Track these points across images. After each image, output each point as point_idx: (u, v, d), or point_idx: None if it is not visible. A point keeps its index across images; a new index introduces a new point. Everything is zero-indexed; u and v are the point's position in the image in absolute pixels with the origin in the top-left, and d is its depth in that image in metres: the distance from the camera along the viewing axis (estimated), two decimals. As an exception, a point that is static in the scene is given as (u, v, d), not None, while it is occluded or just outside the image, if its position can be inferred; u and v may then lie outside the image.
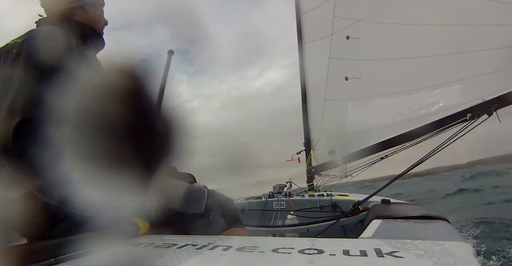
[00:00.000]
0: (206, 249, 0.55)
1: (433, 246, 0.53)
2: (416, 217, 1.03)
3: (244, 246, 0.56)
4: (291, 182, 2.81)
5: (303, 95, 3.69)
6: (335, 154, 3.12)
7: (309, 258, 0.48)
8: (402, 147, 2.55)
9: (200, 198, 1.01)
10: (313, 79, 3.66)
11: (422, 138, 2.40)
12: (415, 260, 0.45)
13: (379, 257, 0.47)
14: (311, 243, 0.57)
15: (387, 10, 2.93)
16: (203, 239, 0.66)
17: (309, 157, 3.46)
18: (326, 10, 3.45)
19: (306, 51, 3.75)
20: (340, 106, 3.29)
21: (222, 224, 1.00)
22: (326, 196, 2.27)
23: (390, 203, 1.53)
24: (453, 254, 0.48)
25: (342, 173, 3.07)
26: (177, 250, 0.56)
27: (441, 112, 2.42)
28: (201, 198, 1.01)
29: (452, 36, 2.54)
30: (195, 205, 0.98)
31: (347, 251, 0.50)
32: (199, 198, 1.01)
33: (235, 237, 0.69)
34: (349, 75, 3.17)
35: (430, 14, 2.71)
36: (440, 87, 2.56)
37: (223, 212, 1.01)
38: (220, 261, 0.48)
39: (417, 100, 2.71)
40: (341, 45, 3.29)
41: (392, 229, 0.92)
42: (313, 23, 3.75)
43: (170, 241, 0.65)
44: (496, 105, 2.01)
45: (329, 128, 3.38)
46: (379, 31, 3.02)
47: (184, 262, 0.47)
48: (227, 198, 1.10)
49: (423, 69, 2.72)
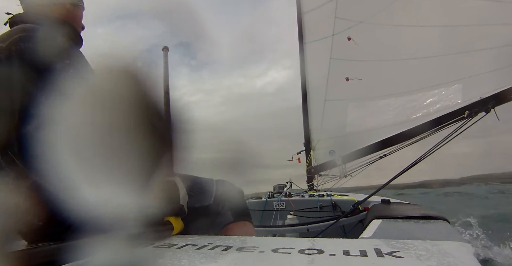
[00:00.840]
0: (206, 249, 0.55)
1: (433, 246, 0.54)
2: (416, 217, 1.03)
3: (244, 246, 0.56)
4: (291, 182, 2.81)
5: (304, 95, 3.69)
6: (335, 154, 3.12)
7: (309, 258, 0.48)
8: (400, 146, 2.55)
9: (209, 190, 0.98)
10: (313, 80, 3.66)
11: (420, 136, 2.40)
12: (415, 260, 0.45)
13: (379, 257, 0.47)
14: (311, 243, 0.57)
15: (388, 12, 2.94)
16: (203, 239, 0.66)
17: (309, 157, 3.46)
18: (327, 11, 3.46)
19: (307, 51, 3.75)
20: (341, 106, 3.29)
21: (229, 217, 0.97)
22: (326, 196, 2.27)
23: (390, 203, 1.53)
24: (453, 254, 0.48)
25: (341, 173, 3.07)
26: (177, 250, 0.56)
27: (441, 112, 2.42)
28: (209, 190, 0.98)
29: (452, 37, 2.55)
30: (204, 197, 0.96)
31: (347, 251, 0.50)
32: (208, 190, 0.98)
33: (235, 237, 0.69)
34: (350, 76, 3.17)
35: (430, 15, 2.72)
36: (440, 87, 2.56)
37: (231, 204, 0.99)
38: (220, 261, 0.48)
39: (417, 101, 2.71)
40: (342, 46, 3.29)
41: (392, 229, 0.92)
42: (314, 23, 3.75)
43: (170, 241, 0.65)
44: (494, 102, 2.00)
45: (329, 129, 3.38)
46: (380, 33, 3.03)
47: (184, 262, 0.47)
48: (236, 188, 1.06)
49: (423, 69, 2.72)
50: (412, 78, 2.78)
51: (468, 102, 2.22)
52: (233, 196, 1.02)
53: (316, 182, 3.34)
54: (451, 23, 2.55)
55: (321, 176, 3.34)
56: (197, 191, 0.96)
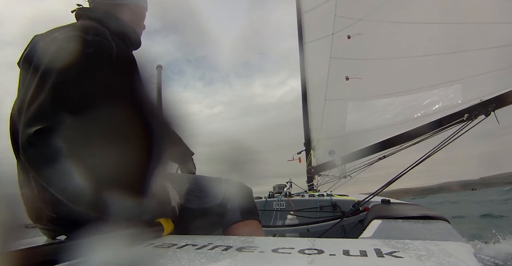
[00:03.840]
0: (206, 249, 0.55)
1: (433, 246, 0.54)
2: (416, 217, 1.03)
3: (244, 246, 0.56)
4: (291, 182, 2.80)
5: (304, 95, 3.69)
6: (335, 154, 3.12)
7: (309, 258, 0.48)
8: (399, 148, 2.55)
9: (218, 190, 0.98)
10: (313, 79, 3.66)
11: (419, 138, 2.40)
12: (415, 260, 0.45)
13: (379, 257, 0.47)
14: (311, 243, 0.57)
15: (387, 9, 2.93)
16: (203, 239, 0.66)
17: (309, 157, 3.46)
18: (327, 10, 3.46)
19: (307, 51, 3.75)
20: (341, 106, 3.28)
21: (237, 215, 0.98)
22: (326, 196, 2.27)
23: (390, 203, 1.53)
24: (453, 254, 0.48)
25: (341, 173, 3.07)
26: (177, 250, 0.56)
27: (441, 112, 2.41)
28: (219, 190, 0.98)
29: (453, 35, 2.53)
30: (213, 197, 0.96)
31: (347, 251, 0.50)
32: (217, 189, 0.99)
33: (235, 237, 0.69)
34: (349, 75, 3.17)
35: (431, 12, 2.70)
36: (440, 86, 2.55)
37: (239, 203, 0.99)
38: (220, 261, 0.48)
39: (417, 100, 2.70)
40: (342, 45, 3.29)
41: (392, 229, 0.92)
42: (314, 22, 3.75)
43: (170, 241, 0.65)
44: (494, 105, 1.98)
45: (329, 129, 3.38)
46: (380, 30, 3.02)
47: (184, 262, 0.47)
48: (245, 187, 1.07)
49: (424, 68, 2.71)
50: (412, 77, 2.77)
51: (468, 102, 2.21)
52: (242, 194, 1.02)
53: (316, 182, 3.34)
54: (451, 20, 2.53)
55: (321, 176, 3.34)
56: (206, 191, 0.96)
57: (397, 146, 2.56)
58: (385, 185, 1.72)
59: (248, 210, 1.01)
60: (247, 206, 1.01)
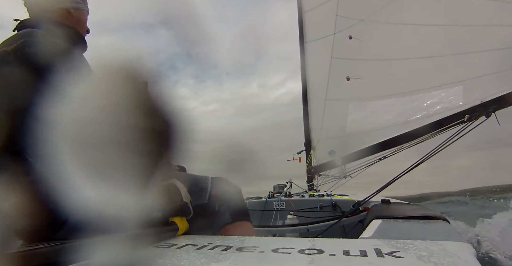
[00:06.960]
0: (206, 249, 0.55)
1: (433, 246, 0.53)
2: (416, 217, 1.03)
3: (244, 246, 0.56)
4: (291, 182, 2.81)
5: (304, 95, 3.69)
6: (335, 154, 3.12)
7: (309, 258, 0.48)
8: (400, 148, 2.55)
9: (204, 188, 0.96)
10: (314, 79, 3.65)
11: (419, 139, 2.39)
12: (415, 260, 0.45)
13: (379, 257, 0.47)
14: (311, 243, 0.57)
15: (390, 10, 2.92)
16: (203, 239, 0.66)
17: (309, 157, 3.46)
18: (328, 9, 3.44)
19: (308, 51, 3.74)
20: (341, 106, 3.28)
21: (227, 217, 0.95)
22: (326, 196, 2.27)
23: (390, 203, 1.53)
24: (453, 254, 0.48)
25: (341, 174, 3.07)
26: (177, 250, 0.56)
27: (442, 113, 2.41)
28: (204, 188, 0.96)
29: (455, 37, 2.53)
30: (198, 195, 0.93)
31: (347, 251, 0.50)
32: (203, 188, 0.96)
33: (235, 237, 0.69)
34: (350, 76, 3.16)
35: (433, 14, 2.70)
36: (442, 88, 2.55)
37: (229, 204, 0.97)
38: (220, 261, 0.48)
39: (418, 102, 2.70)
40: (343, 45, 3.28)
41: (392, 229, 0.92)
42: (315, 22, 3.74)
43: (170, 241, 0.65)
44: (494, 106, 1.98)
45: (329, 129, 3.38)
46: (382, 31, 3.01)
47: (184, 262, 0.47)
48: (234, 186, 1.04)
49: (425, 70, 2.71)
50: (413, 78, 2.77)
51: (470, 103, 2.21)
52: (230, 194, 0.99)
53: (316, 182, 3.34)
54: (454, 22, 2.53)
55: (321, 176, 3.34)
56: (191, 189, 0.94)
57: (397, 146, 2.56)
58: (385, 185, 1.72)
59: (238, 211, 0.98)
60: (236, 207, 0.98)
